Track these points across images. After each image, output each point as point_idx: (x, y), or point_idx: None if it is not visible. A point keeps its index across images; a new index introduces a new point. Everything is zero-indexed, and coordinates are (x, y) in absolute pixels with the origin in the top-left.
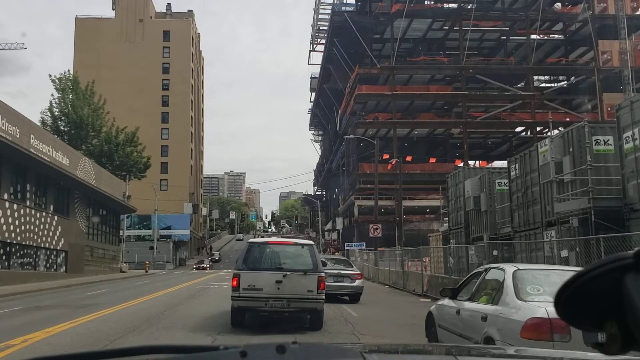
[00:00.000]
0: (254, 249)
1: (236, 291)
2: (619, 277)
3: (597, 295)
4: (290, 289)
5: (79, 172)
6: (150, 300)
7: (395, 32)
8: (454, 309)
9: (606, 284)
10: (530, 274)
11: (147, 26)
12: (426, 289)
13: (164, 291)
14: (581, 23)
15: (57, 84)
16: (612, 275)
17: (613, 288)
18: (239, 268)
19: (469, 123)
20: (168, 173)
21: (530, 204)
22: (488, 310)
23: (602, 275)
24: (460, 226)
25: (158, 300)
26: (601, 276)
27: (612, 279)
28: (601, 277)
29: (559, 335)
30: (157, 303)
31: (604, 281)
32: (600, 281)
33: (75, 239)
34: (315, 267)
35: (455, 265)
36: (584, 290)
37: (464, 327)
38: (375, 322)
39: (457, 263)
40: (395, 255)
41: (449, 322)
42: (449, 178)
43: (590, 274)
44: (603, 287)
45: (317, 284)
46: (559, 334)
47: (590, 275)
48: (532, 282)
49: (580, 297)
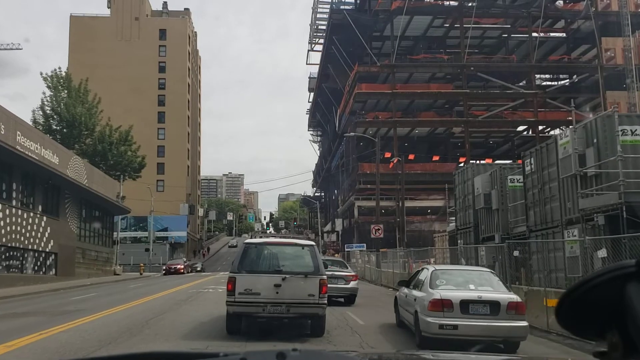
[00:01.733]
0: (251, 250)
1: (231, 296)
2: (621, 285)
3: (599, 304)
4: (290, 293)
5: (69, 171)
6: (138, 305)
7: (395, 29)
8: (405, 294)
9: (608, 292)
10: (443, 272)
11: (143, 24)
12: None
13: (155, 295)
14: (584, 20)
15: (48, 81)
16: (614, 284)
17: (615, 297)
18: (234, 271)
19: (471, 122)
20: (164, 174)
21: (548, 201)
22: (417, 294)
23: (604, 284)
24: (469, 226)
25: (147, 305)
26: (602, 285)
27: (613, 288)
28: (602, 286)
29: (447, 309)
30: (145, 309)
31: (605, 290)
32: (602, 290)
33: (66, 241)
34: (316, 269)
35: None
36: (586, 299)
37: (408, 305)
38: (385, 331)
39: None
40: (398, 256)
41: (403, 302)
42: (456, 175)
43: (591, 282)
44: (604, 296)
45: (319, 287)
46: (447, 309)
47: (592, 284)
48: (441, 278)
49: (581, 305)
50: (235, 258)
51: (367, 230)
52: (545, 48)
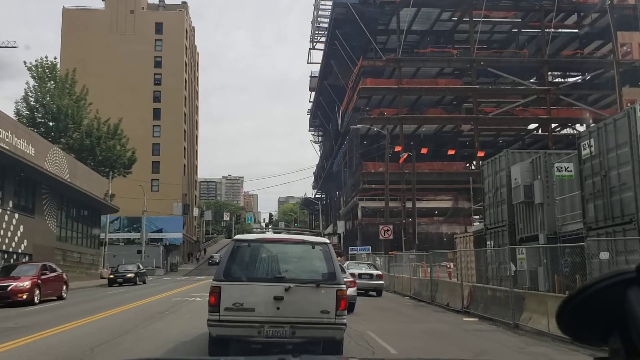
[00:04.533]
0: (242, 250)
1: (215, 312)
2: (622, 291)
3: (600, 310)
4: (296, 310)
5: (47, 164)
6: (98, 320)
7: (402, 23)
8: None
9: (609, 298)
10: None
11: (139, 18)
12: (467, 303)
13: (129, 305)
14: (599, 14)
15: (33, 71)
16: (615, 290)
17: (616, 303)
18: (219, 278)
19: (480, 119)
20: (160, 173)
21: (616, 191)
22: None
23: (605, 289)
24: (502, 224)
25: (109, 320)
26: (603, 291)
27: (614, 294)
28: (603, 292)
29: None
30: (102, 326)
31: (606, 296)
32: (603, 296)
33: (42, 241)
34: (333, 276)
35: (496, 272)
36: (587, 304)
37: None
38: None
39: (498, 270)
40: (409, 259)
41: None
42: (484, 166)
43: (592, 288)
44: (606, 302)
45: (337, 301)
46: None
47: (593, 290)
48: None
49: (582, 311)
50: (221, 260)
51: (372, 232)
52: (556, 44)
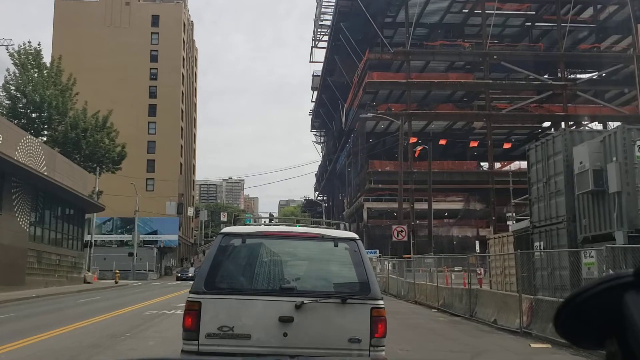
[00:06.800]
0: (233, 249)
1: (192, 340)
2: (619, 295)
3: (598, 314)
4: (312, 337)
5: (19, 153)
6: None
7: (410, 15)
8: None
9: (606, 302)
10: None
11: (134, 10)
12: (528, 321)
13: (91, 320)
14: (617, 6)
15: (15, 58)
16: (612, 293)
17: (613, 306)
18: (198, 290)
19: (493, 116)
20: (155, 172)
21: None
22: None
23: (602, 293)
24: (557, 220)
25: (29, 350)
26: (601, 294)
27: (612, 297)
28: (601, 295)
29: None
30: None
31: (604, 299)
32: (600, 299)
33: (11, 241)
34: (366, 286)
35: (548, 281)
36: (584, 308)
37: None
38: None
39: (551, 277)
40: (427, 264)
41: None
42: (532, 149)
43: (589, 292)
44: (603, 305)
45: (372, 325)
46: None
47: (590, 294)
48: None
49: (580, 315)
50: (202, 263)
51: (379, 234)
52: (571, 39)
